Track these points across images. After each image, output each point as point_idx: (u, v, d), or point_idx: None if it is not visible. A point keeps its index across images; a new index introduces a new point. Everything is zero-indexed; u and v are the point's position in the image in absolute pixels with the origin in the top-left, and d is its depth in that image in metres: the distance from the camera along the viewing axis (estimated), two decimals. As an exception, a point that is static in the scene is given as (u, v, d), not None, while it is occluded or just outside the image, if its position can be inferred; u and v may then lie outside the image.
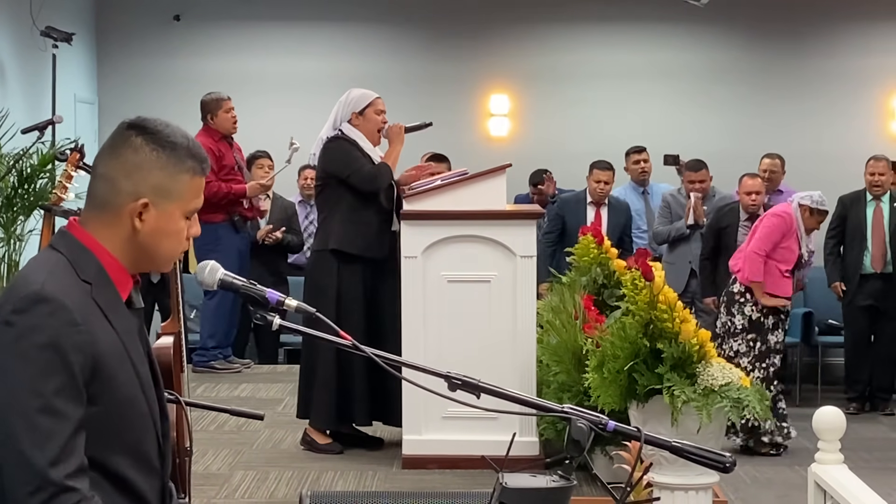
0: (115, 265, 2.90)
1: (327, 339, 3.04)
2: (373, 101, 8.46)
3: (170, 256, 2.98)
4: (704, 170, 11.50)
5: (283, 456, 8.34)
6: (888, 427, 10.62)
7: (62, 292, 2.76)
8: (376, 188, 8.21)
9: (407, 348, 7.80)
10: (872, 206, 11.25)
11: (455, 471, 7.66)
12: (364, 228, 8.25)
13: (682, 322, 6.52)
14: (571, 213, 11.51)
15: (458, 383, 2.95)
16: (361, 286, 8.22)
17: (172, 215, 2.91)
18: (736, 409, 6.37)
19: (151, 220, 2.89)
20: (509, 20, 14.46)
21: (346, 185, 8.25)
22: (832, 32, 14.41)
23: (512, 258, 7.84)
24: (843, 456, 5.41)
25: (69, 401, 2.71)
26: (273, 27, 14.41)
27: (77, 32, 12.71)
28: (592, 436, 2.87)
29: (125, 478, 2.87)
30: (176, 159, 2.90)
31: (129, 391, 2.86)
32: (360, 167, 8.21)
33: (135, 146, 2.89)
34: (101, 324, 2.82)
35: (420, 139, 13.19)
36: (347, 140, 8.32)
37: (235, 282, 3.07)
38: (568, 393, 7.58)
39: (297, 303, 3.05)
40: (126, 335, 2.89)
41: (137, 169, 2.88)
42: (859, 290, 11.24)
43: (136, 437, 2.90)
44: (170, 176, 2.89)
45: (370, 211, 8.26)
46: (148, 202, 2.87)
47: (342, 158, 8.29)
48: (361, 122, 8.39)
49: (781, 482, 8.58)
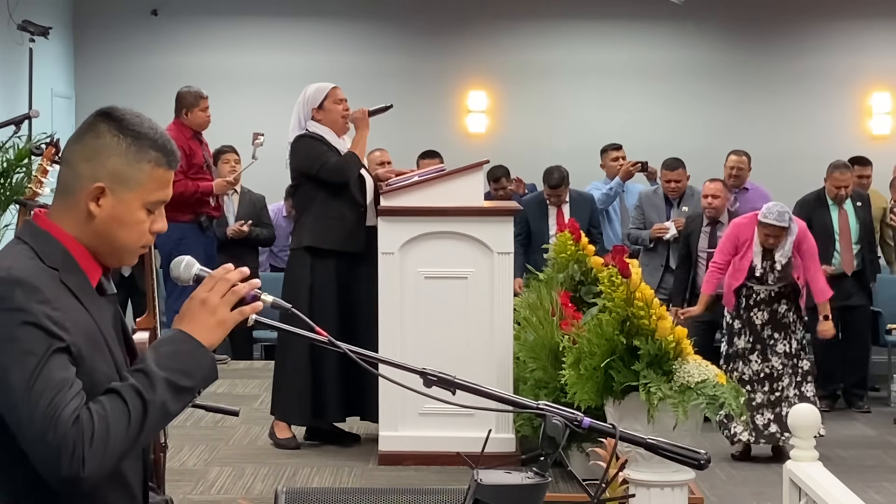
0: (81, 251, 2.89)
1: (303, 334, 3.03)
2: (329, 92, 8.43)
3: (130, 248, 2.94)
4: (681, 169, 11.48)
5: (259, 452, 8.33)
6: (863, 424, 10.65)
7: (31, 275, 2.76)
8: (346, 178, 8.19)
9: (384, 344, 7.80)
10: (836, 209, 11.24)
11: (431, 467, 7.66)
12: (337, 224, 8.24)
13: (659, 319, 6.54)
14: (534, 215, 11.48)
15: (434, 379, 2.95)
16: (336, 282, 8.21)
17: (130, 205, 2.89)
18: (712, 406, 6.38)
19: (108, 206, 2.87)
20: (487, 17, 14.47)
21: (317, 182, 8.25)
22: (809, 31, 14.46)
23: (489, 255, 7.84)
24: (817, 453, 5.42)
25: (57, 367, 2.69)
26: (251, 22, 14.40)
27: (54, 26, 12.65)
28: (568, 433, 2.87)
29: None
30: (137, 147, 2.89)
31: (106, 372, 2.85)
32: (326, 160, 8.20)
33: (98, 132, 2.89)
34: (74, 305, 2.81)
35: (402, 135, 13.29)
36: (312, 136, 8.31)
37: (211, 277, 3.06)
38: (544, 389, 7.59)
39: (273, 298, 3.04)
40: (100, 318, 2.88)
41: (96, 153, 2.87)
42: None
43: None
44: (128, 163, 2.88)
45: (343, 206, 8.25)
46: (104, 187, 2.86)
47: (308, 154, 8.29)
48: (324, 116, 8.37)
49: (757, 479, 8.58)
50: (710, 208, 10.56)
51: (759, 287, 9.21)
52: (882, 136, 14.45)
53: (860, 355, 11.38)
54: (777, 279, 9.17)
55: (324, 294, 8.19)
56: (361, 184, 8.31)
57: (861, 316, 11.31)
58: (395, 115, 14.04)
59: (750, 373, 9.09)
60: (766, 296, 9.21)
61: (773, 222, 9.07)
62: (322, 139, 8.30)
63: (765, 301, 9.22)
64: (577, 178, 12.11)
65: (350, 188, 8.24)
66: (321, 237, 8.25)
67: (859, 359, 11.37)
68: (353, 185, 8.26)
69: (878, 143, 14.25)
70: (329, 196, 8.25)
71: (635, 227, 11.61)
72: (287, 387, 8.25)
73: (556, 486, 7.03)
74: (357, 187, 8.28)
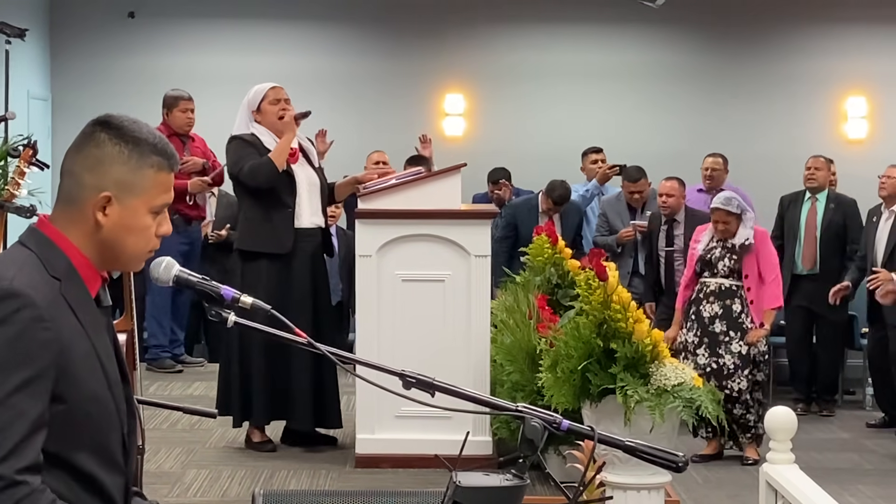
0: (83, 262, 2.89)
1: (283, 336, 3.03)
2: (266, 92, 8.40)
3: (137, 254, 2.96)
4: (643, 180, 11.46)
5: (236, 455, 8.33)
6: (838, 427, 10.69)
7: (31, 288, 2.76)
8: (259, 183, 8.15)
9: (361, 347, 7.83)
10: (808, 204, 11.30)
11: (408, 470, 7.67)
12: (262, 225, 8.22)
13: (636, 322, 6.55)
14: (523, 219, 11.50)
15: (413, 381, 2.95)
16: (265, 283, 8.08)
17: (137, 211, 2.90)
18: (688, 408, 6.40)
19: (115, 215, 2.88)
20: (464, 19, 14.46)
21: (241, 184, 8.26)
22: (785, 35, 14.50)
23: (466, 257, 7.86)
24: (793, 456, 5.44)
25: (30, 397, 2.70)
26: (227, 25, 14.37)
27: (30, 28, 12.60)
28: (546, 435, 2.87)
29: (91, 475, 2.86)
30: (139, 154, 2.90)
31: (96, 389, 2.86)
32: (244, 164, 8.18)
33: (98, 141, 2.90)
34: (69, 320, 2.81)
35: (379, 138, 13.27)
36: (242, 138, 8.29)
37: (191, 278, 3.07)
38: (521, 392, 7.60)
39: (253, 300, 3.06)
40: (94, 332, 2.88)
41: (99, 163, 2.88)
42: (795, 291, 11.28)
43: (102, 435, 2.89)
44: (132, 170, 2.89)
45: (268, 207, 8.22)
46: (110, 196, 2.87)
47: (231, 157, 8.34)
48: (262, 118, 8.36)
49: (733, 482, 8.61)
50: (665, 206, 10.62)
51: (710, 280, 9.22)
52: (857, 139, 14.50)
53: (831, 361, 11.41)
54: (727, 269, 9.18)
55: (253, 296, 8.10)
56: (291, 185, 8.24)
57: (832, 322, 11.32)
58: (372, 118, 14.24)
59: (695, 367, 9.00)
60: (716, 288, 9.20)
61: (720, 205, 9.18)
62: (254, 141, 8.27)
63: (714, 294, 9.19)
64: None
65: (277, 190, 8.19)
66: (247, 239, 8.26)
67: (830, 365, 11.41)
68: (280, 186, 8.19)
69: (854, 147, 14.30)
70: (256, 198, 8.24)
71: (600, 235, 11.62)
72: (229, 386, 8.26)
73: (533, 488, 7.04)
74: (286, 189, 8.22)
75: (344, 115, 13.72)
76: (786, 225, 11.39)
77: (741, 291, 9.16)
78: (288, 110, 8.32)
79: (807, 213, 11.29)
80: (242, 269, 8.23)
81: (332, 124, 12.21)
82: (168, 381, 10.67)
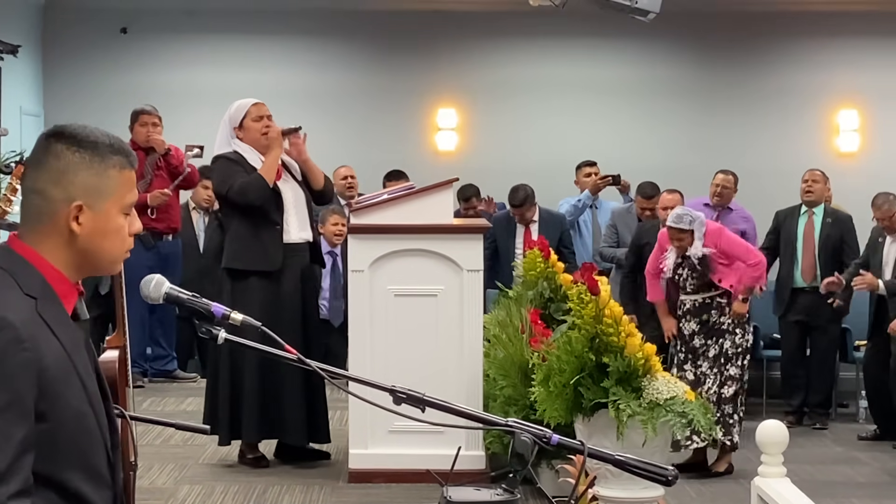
0: (58, 277, 2.88)
1: (273, 353, 3.04)
2: (248, 110, 8.36)
3: (116, 257, 2.95)
4: (657, 196, 11.19)
5: (230, 470, 8.32)
6: (830, 440, 10.69)
7: (7, 309, 2.73)
8: (249, 201, 8.13)
9: (353, 362, 7.84)
10: (805, 218, 11.32)
11: (401, 485, 7.67)
12: (252, 243, 8.20)
13: (628, 336, 6.56)
14: (501, 233, 11.51)
15: (403, 397, 2.96)
16: (256, 301, 8.07)
17: (109, 213, 2.89)
18: (681, 422, 6.41)
19: (89, 222, 2.86)
20: (457, 35, 14.49)
21: (230, 203, 8.25)
22: (778, 49, 14.53)
23: (458, 272, 7.86)
24: (785, 469, 5.45)
25: (14, 420, 2.68)
26: (220, 40, 14.38)
27: (23, 44, 12.63)
28: (536, 449, 2.88)
29: (78, 492, 2.85)
30: (100, 157, 2.88)
31: (78, 406, 2.84)
32: (233, 183, 8.16)
33: (56, 153, 2.87)
34: (48, 339, 2.79)
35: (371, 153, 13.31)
36: (227, 157, 8.27)
37: (181, 295, 3.07)
38: (514, 406, 7.61)
39: (243, 317, 3.06)
40: (73, 349, 2.87)
41: (63, 174, 2.86)
42: (792, 305, 11.30)
43: (86, 452, 2.88)
44: (97, 174, 2.87)
45: (257, 225, 8.21)
46: (82, 204, 2.85)
47: (218, 176, 8.32)
48: (245, 135, 8.33)
49: (727, 496, 8.61)
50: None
51: (685, 297, 9.33)
52: (849, 153, 14.53)
53: (824, 375, 11.42)
54: (694, 286, 9.24)
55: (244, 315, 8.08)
56: (278, 201, 8.23)
57: (827, 335, 11.35)
58: (364, 133, 14.25)
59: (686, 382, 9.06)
60: (691, 306, 9.31)
61: (671, 224, 9.24)
62: (240, 159, 8.25)
63: (691, 311, 9.30)
64: (548, 195, 12.16)
65: (265, 207, 8.18)
66: (237, 257, 8.24)
67: (823, 378, 11.41)
68: (267, 203, 8.19)
69: (846, 161, 14.34)
70: (243, 216, 8.22)
71: (608, 245, 11.61)
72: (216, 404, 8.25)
73: (526, 502, 7.04)
74: (273, 205, 8.21)
75: (336, 131, 13.74)
76: (782, 239, 11.39)
77: (716, 301, 9.23)
78: (271, 127, 8.29)
79: (804, 226, 11.30)
80: (232, 287, 8.22)
81: (324, 140, 12.22)
82: (161, 396, 10.66)
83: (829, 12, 14.44)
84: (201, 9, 14.36)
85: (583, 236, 12.28)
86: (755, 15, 14.49)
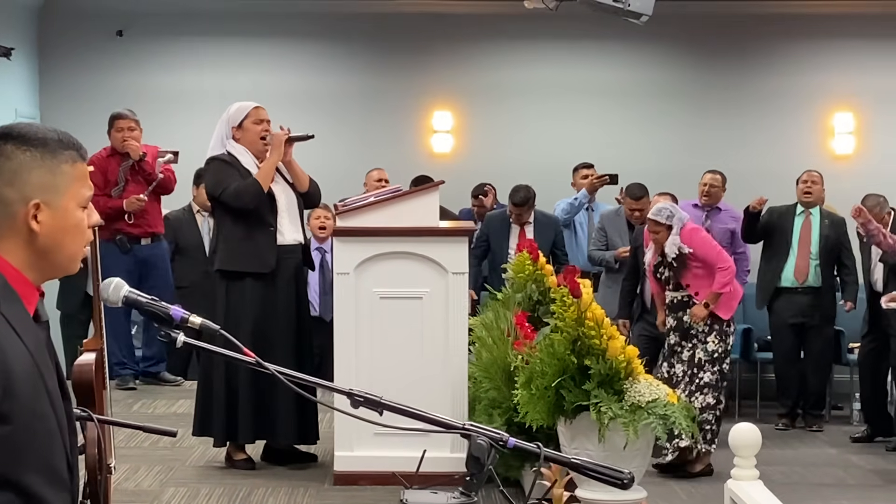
0: (19, 278, 2.87)
1: (231, 356, 3.05)
2: (250, 111, 8.36)
3: (76, 253, 2.93)
4: (646, 198, 11.23)
5: (215, 472, 8.31)
6: (824, 442, 10.69)
7: None
8: (244, 205, 8.13)
9: (338, 365, 7.83)
10: (802, 218, 11.31)
11: (386, 487, 7.65)
12: (245, 245, 8.20)
13: (610, 339, 6.56)
14: (495, 231, 11.52)
15: (361, 400, 2.96)
16: (250, 302, 8.12)
17: (67, 209, 2.88)
18: (662, 425, 6.41)
19: (48, 219, 2.86)
20: (452, 37, 14.50)
21: (223, 205, 8.25)
22: (772, 52, 14.53)
23: (444, 275, 7.87)
24: (758, 472, 5.46)
25: None
26: (216, 43, 14.41)
27: (17, 47, 12.66)
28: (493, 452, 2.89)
29: (38, 495, 2.84)
30: (51, 153, 2.87)
31: (41, 408, 2.84)
32: (227, 186, 8.16)
33: (6, 154, 2.86)
34: (12, 340, 2.79)
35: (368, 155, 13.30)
36: (222, 159, 8.26)
37: (140, 299, 3.07)
38: (498, 409, 7.61)
39: (202, 320, 3.06)
40: (36, 350, 2.87)
41: (16, 175, 2.85)
42: (785, 305, 11.29)
43: (47, 454, 2.87)
44: (51, 171, 2.87)
45: (251, 227, 8.20)
46: (39, 202, 2.85)
47: (212, 178, 8.30)
48: (242, 136, 8.32)
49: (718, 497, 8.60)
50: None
51: (668, 293, 9.46)
52: (844, 155, 14.54)
53: (818, 377, 11.41)
54: (675, 283, 9.36)
55: (238, 317, 8.14)
56: (272, 203, 8.24)
57: (820, 337, 11.34)
58: (361, 135, 14.26)
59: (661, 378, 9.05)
60: (670, 302, 9.43)
61: (650, 216, 9.41)
62: (234, 161, 8.25)
63: (670, 307, 9.42)
64: (542, 197, 12.15)
65: (259, 209, 8.18)
66: (230, 259, 8.23)
67: (817, 380, 11.41)
68: (262, 205, 8.18)
69: (841, 163, 14.35)
70: (237, 218, 8.21)
71: (597, 249, 11.60)
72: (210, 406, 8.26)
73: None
74: (267, 207, 8.22)
75: (332, 133, 13.74)
76: (775, 237, 11.36)
77: (692, 301, 9.26)
78: (270, 132, 8.30)
79: (801, 226, 11.28)
80: (226, 289, 8.23)
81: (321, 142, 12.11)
82: (153, 398, 10.66)
83: (823, 15, 14.45)
84: (197, 11, 14.37)
85: (578, 238, 12.27)
86: (748, 17, 14.51)
